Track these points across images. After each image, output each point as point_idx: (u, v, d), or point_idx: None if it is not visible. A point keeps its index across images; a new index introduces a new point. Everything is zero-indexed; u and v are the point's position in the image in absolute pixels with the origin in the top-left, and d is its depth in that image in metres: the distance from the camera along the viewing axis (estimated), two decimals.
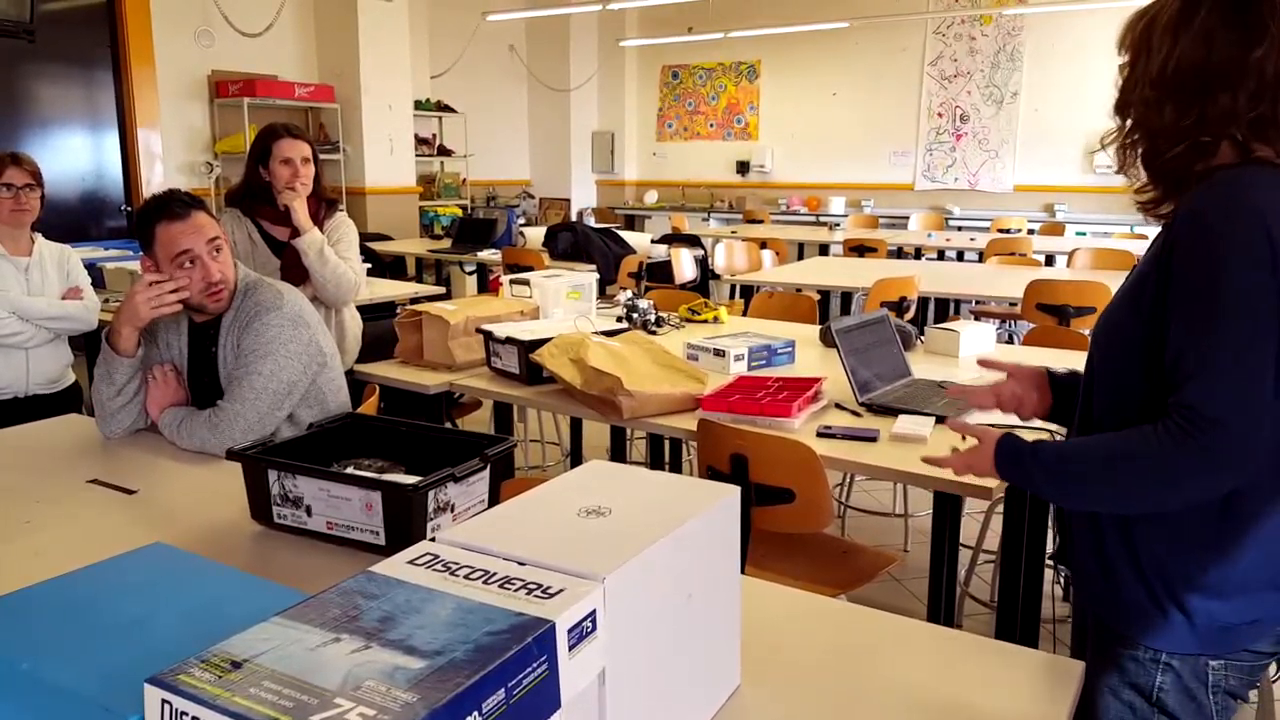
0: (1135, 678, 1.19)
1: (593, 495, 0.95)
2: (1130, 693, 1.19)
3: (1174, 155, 1.10)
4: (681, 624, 0.90)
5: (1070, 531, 1.27)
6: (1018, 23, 8.25)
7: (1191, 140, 1.09)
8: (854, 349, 2.24)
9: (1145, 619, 1.16)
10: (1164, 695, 1.17)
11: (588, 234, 5.87)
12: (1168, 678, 1.17)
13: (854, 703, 1.01)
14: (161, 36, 6.31)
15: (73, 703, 0.75)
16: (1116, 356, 1.17)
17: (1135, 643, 1.18)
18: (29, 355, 2.78)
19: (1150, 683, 1.18)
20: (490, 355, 2.56)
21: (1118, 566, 1.18)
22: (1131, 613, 1.17)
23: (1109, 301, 1.24)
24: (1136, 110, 1.14)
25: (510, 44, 9.75)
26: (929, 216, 8.23)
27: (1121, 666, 1.20)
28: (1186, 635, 1.14)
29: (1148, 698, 1.18)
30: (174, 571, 1.00)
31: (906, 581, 3.13)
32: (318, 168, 2.85)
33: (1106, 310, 1.22)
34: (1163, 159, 1.12)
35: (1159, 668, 1.17)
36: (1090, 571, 1.22)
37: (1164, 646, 1.16)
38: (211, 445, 1.85)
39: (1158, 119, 1.11)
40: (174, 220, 1.88)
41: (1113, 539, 1.18)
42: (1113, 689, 1.21)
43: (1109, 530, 1.18)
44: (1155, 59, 1.10)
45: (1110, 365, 1.18)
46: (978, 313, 5.30)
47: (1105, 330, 1.20)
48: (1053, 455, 1.16)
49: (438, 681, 0.63)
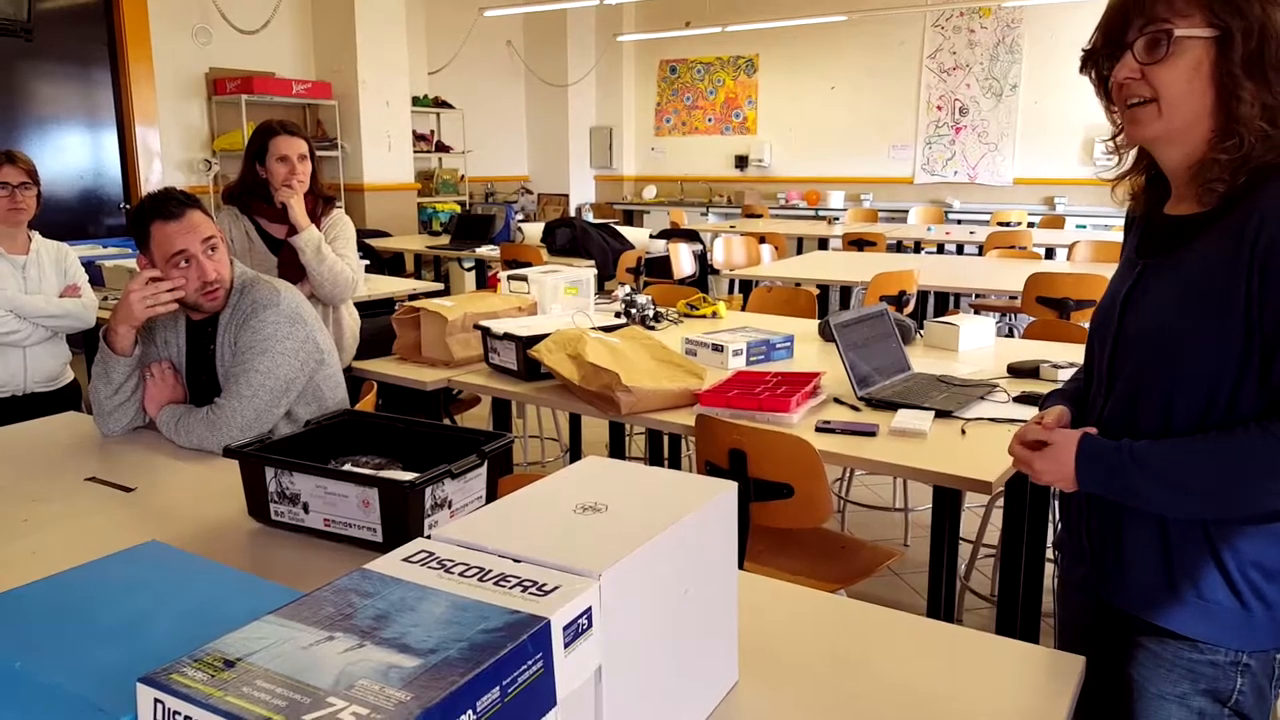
0: (1214, 683, 1.15)
1: (589, 491, 0.94)
2: (1203, 699, 1.15)
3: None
4: (679, 620, 0.89)
5: (1119, 543, 1.20)
6: (1017, 15, 8.23)
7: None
8: (853, 343, 2.24)
9: (1229, 621, 1.12)
10: (1242, 698, 1.14)
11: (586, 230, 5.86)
12: (1245, 679, 1.14)
13: (853, 699, 1.01)
14: (159, 34, 6.30)
15: (65, 702, 0.75)
16: (1192, 360, 1.10)
17: (1214, 647, 1.14)
18: (27, 353, 2.77)
19: (1231, 687, 1.14)
20: (488, 351, 2.56)
21: (1195, 572, 1.13)
22: (1214, 617, 1.13)
23: (1141, 304, 1.16)
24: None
25: (508, 39, 9.73)
26: (928, 210, 8.22)
27: (1195, 673, 1.15)
28: (1268, 631, 1.12)
29: (1224, 702, 1.15)
30: (168, 570, 0.99)
31: (906, 576, 3.13)
32: (315, 165, 2.84)
33: (1157, 317, 1.14)
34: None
35: (1239, 670, 1.14)
36: (1149, 581, 1.17)
37: (1246, 646, 1.13)
38: (209, 443, 1.84)
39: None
40: (169, 220, 1.88)
41: (1188, 546, 1.13)
42: (1180, 697, 1.16)
43: (1184, 538, 1.13)
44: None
45: (1182, 370, 1.11)
46: (977, 306, 5.29)
47: (1165, 337, 1.13)
48: (1158, 457, 1.10)
49: (431, 680, 0.63)
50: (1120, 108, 1.14)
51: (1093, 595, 1.28)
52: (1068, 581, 1.37)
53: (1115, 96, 1.14)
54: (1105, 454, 1.14)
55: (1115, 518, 1.21)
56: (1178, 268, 1.13)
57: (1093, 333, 1.28)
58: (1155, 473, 1.10)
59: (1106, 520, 1.22)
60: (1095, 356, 1.26)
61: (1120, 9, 1.11)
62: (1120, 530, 1.20)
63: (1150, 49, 1.08)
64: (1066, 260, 5.30)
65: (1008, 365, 2.44)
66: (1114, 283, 1.26)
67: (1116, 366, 1.20)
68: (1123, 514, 1.19)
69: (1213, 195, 1.09)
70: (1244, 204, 1.06)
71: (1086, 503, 1.26)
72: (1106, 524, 1.22)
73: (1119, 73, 1.11)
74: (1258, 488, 1.06)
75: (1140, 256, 1.20)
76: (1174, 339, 1.11)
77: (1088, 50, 1.16)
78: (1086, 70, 1.18)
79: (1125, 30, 1.10)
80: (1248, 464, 1.05)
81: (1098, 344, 1.26)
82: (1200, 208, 1.12)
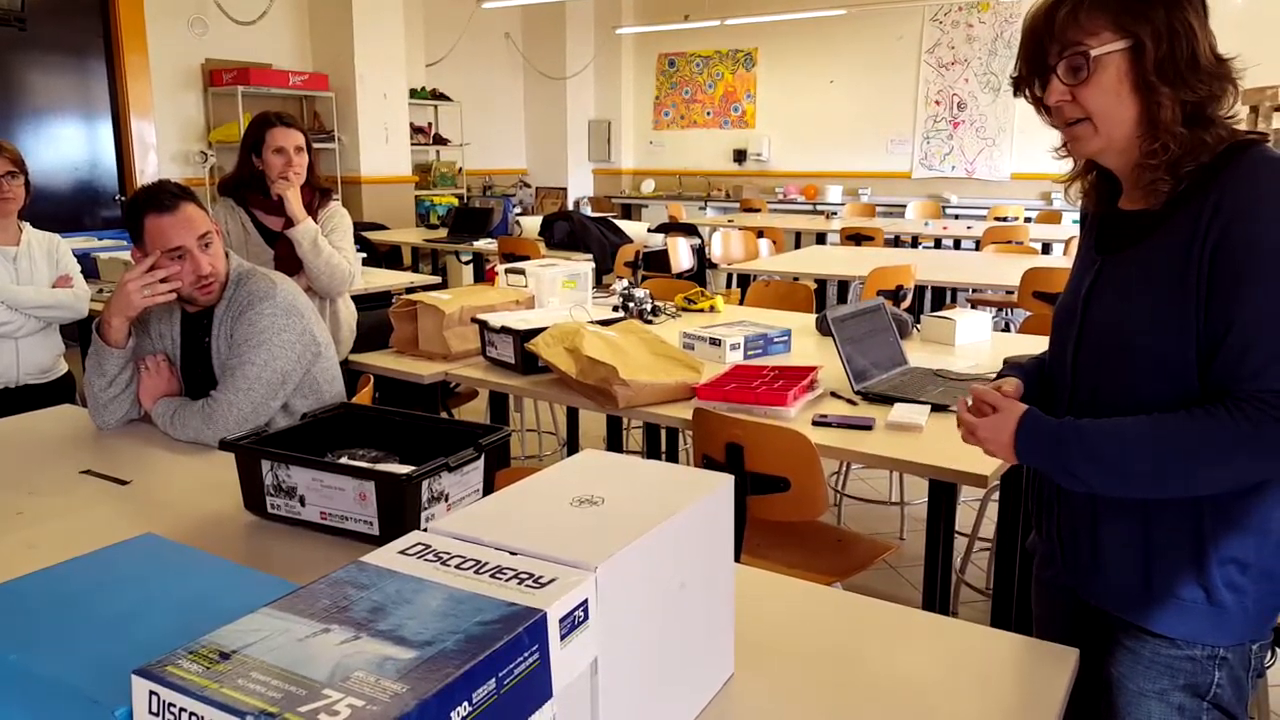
0: (1192, 678, 1.15)
1: (586, 485, 0.94)
2: (1182, 694, 1.16)
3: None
4: (675, 613, 0.89)
5: (1095, 544, 1.20)
6: (1015, 9, 8.22)
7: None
8: (850, 337, 2.24)
9: (1206, 618, 1.13)
10: (1220, 690, 1.15)
11: (584, 223, 5.86)
12: (1223, 672, 1.15)
13: (849, 691, 1.01)
14: (155, 25, 6.28)
15: (61, 694, 0.75)
16: (1155, 353, 1.10)
17: (1191, 643, 1.15)
18: (19, 345, 2.76)
19: (1208, 681, 1.15)
20: (486, 345, 2.56)
21: (1175, 572, 1.14)
22: (1192, 615, 1.14)
23: (1102, 299, 1.18)
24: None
25: (506, 32, 9.71)
26: (926, 205, 8.22)
27: (1173, 669, 1.16)
28: (1242, 624, 1.13)
29: (1203, 695, 1.15)
30: (164, 562, 0.99)
31: (902, 569, 3.14)
32: (311, 157, 2.83)
33: (1118, 312, 1.15)
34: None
35: (1216, 663, 1.14)
36: (1126, 582, 1.17)
37: (1222, 641, 1.14)
38: (205, 435, 1.84)
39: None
40: (163, 213, 1.87)
41: (1172, 547, 1.13)
42: (1159, 693, 1.17)
43: (1169, 539, 1.13)
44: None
45: (1145, 363, 1.12)
46: (974, 301, 5.30)
47: (1127, 331, 1.13)
48: (1095, 435, 1.10)
49: (427, 672, 0.63)
50: (1060, 127, 1.16)
51: (1066, 594, 1.29)
52: (1040, 581, 1.37)
53: (1054, 117, 1.16)
54: (1045, 430, 1.14)
55: (1090, 518, 1.21)
56: (1136, 261, 1.15)
57: (1056, 328, 1.28)
58: (1088, 446, 1.10)
59: (1080, 520, 1.22)
60: (1059, 352, 1.26)
61: (1033, 37, 1.13)
62: (1095, 530, 1.20)
63: (1072, 72, 1.10)
64: (1063, 255, 5.31)
65: (1004, 360, 2.44)
66: (1074, 278, 1.26)
67: (1080, 361, 1.21)
68: (1098, 514, 1.19)
69: (1159, 195, 1.11)
70: (1199, 195, 1.08)
71: (1057, 502, 1.26)
72: (1080, 524, 1.23)
73: (1049, 98, 1.13)
74: (1191, 470, 1.07)
75: (1099, 252, 1.21)
76: (1135, 332, 1.13)
77: (1015, 77, 1.18)
78: (1020, 94, 1.19)
79: (1044, 55, 1.12)
80: (1182, 447, 1.06)
81: (1061, 340, 1.26)
82: (1149, 205, 1.13)
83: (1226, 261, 1.04)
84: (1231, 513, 1.11)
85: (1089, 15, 1.07)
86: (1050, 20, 1.10)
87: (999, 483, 1.91)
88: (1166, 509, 1.14)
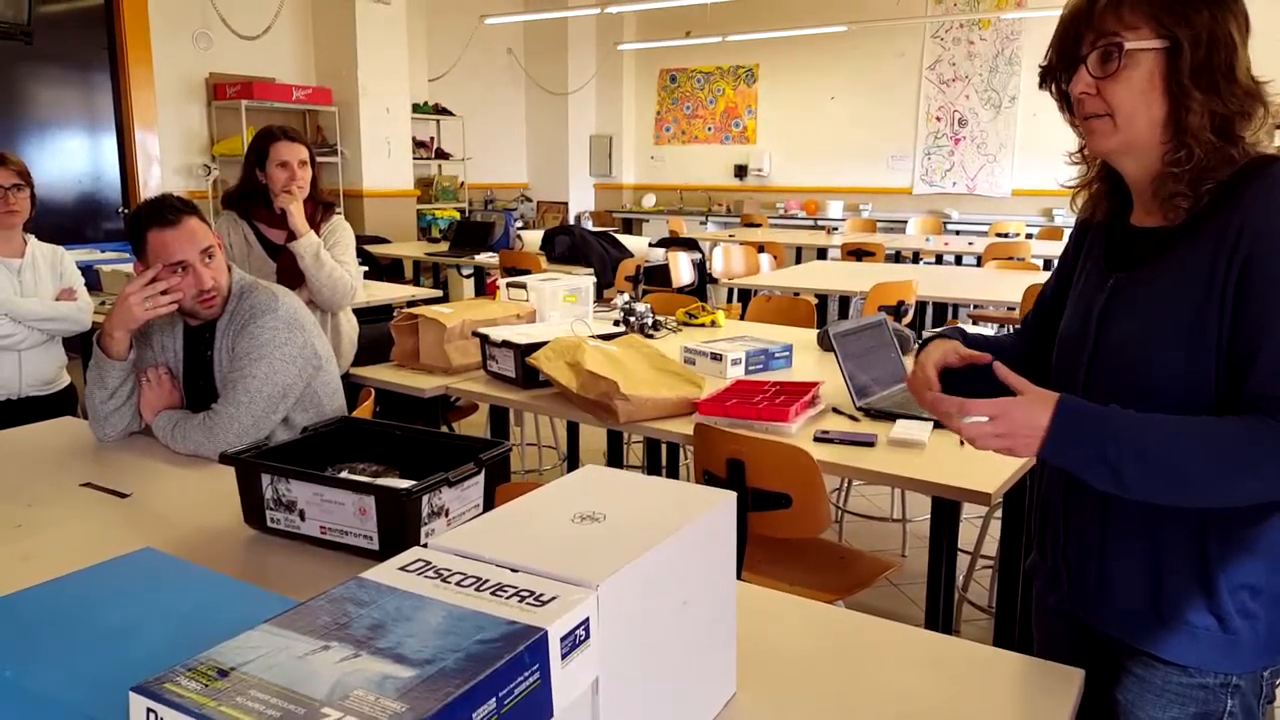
0: (1204, 705, 1.13)
1: (587, 501, 0.93)
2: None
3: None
4: (677, 631, 0.89)
5: (1103, 568, 1.18)
6: (1016, 27, 8.26)
7: None
8: (851, 353, 2.23)
9: (1218, 645, 1.11)
10: (1232, 718, 1.13)
11: (585, 237, 5.87)
12: (1236, 700, 1.13)
13: (851, 711, 1.00)
14: (159, 38, 6.31)
15: (57, 711, 0.74)
16: (1171, 376, 1.08)
17: (1203, 671, 1.13)
18: (22, 357, 2.76)
19: (1221, 709, 1.13)
20: (486, 359, 2.55)
21: (1184, 598, 1.12)
22: (1204, 642, 1.12)
23: (1116, 320, 1.14)
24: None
25: (508, 47, 9.76)
26: (927, 220, 8.23)
27: (1184, 696, 1.14)
28: (1255, 651, 1.11)
29: None
30: (163, 577, 0.98)
31: (904, 587, 3.12)
32: (315, 171, 2.84)
33: (1134, 333, 1.12)
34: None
35: (1229, 691, 1.12)
36: (1135, 608, 1.15)
37: (1235, 669, 1.12)
38: (205, 449, 1.84)
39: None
40: (165, 227, 1.87)
41: (1180, 572, 1.11)
42: None
43: (1177, 563, 1.11)
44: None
45: (1161, 385, 1.09)
46: (976, 317, 5.30)
47: (1143, 352, 1.11)
48: (1147, 422, 1.02)
49: (427, 690, 0.62)
50: (1079, 121, 1.15)
51: (1071, 619, 1.26)
52: (1043, 606, 1.34)
53: (1075, 110, 1.14)
54: (1090, 411, 1.04)
55: (1098, 541, 1.18)
56: (1153, 281, 1.12)
57: (1062, 350, 1.24)
58: (1136, 438, 1.02)
59: (1089, 543, 1.20)
60: (1066, 375, 1.22)
61: (1071, 24, 1.12)
62: (1103, 555, 1.18)
63: (1102, 63, 1.08)
64: None
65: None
66: (1083, 298, 1.22)
67: (1091, 383, 1.17)
68: (1106, 538, 1.17)
69: (1178, 211, 1.09)
70: (1221, 213, 1.05)
71: (1064, 524, 1.23)
72: (1089, 547, 1.20)
73: (1074, 87, 1.12)
74: (1239, 476, 1.01)
75: (1112, 270, 1.18)
76: (1155, 351, 1.10)
77: (1045, 66, 1.17)
78: (1046, 86, 1.18)
79: (1078, 45, 1.11)
80: (1232, 449, 1.01)
81: (1068, 362, 1.21)
82: (1166, 222, 1.11)
83: (1257, 279, 1.02)
84: (1237, 536, 1.09)
85: (1131, 9, 1.06)
86: (1091, 8, 1.08)
87: (1002, 500, 1.90)
88: (1173, 532, 1.12)
